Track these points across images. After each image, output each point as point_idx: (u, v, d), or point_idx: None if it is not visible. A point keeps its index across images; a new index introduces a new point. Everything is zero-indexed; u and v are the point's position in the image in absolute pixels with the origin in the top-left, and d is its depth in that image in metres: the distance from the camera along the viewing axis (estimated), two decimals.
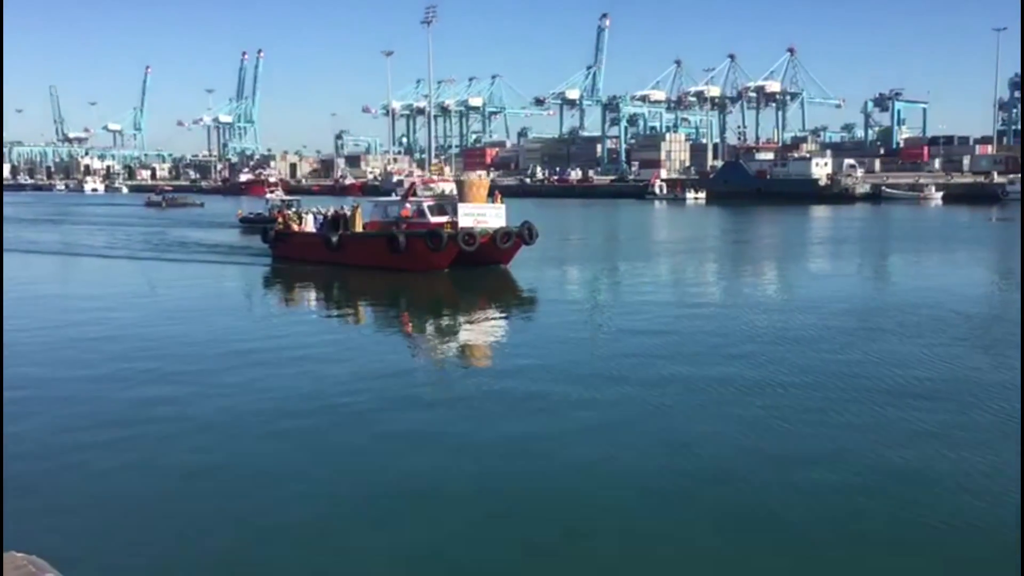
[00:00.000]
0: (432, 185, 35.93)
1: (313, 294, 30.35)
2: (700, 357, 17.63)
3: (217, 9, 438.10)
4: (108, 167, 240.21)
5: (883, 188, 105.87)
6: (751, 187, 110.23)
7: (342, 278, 32.35)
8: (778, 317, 22.81)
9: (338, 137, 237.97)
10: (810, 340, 19.36)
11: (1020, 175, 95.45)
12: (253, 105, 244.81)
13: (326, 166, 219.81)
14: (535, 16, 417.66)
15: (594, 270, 35.99)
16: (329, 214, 37.65)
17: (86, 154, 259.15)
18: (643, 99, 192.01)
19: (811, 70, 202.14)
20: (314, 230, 38.28)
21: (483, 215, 33.01)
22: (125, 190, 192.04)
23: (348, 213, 36.18)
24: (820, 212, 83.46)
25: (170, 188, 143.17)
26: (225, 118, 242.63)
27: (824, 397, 14.46)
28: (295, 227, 39.16)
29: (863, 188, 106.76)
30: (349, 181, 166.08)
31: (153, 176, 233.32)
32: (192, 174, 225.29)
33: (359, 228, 35.68)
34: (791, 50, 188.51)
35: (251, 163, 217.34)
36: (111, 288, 31.18)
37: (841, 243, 49.13)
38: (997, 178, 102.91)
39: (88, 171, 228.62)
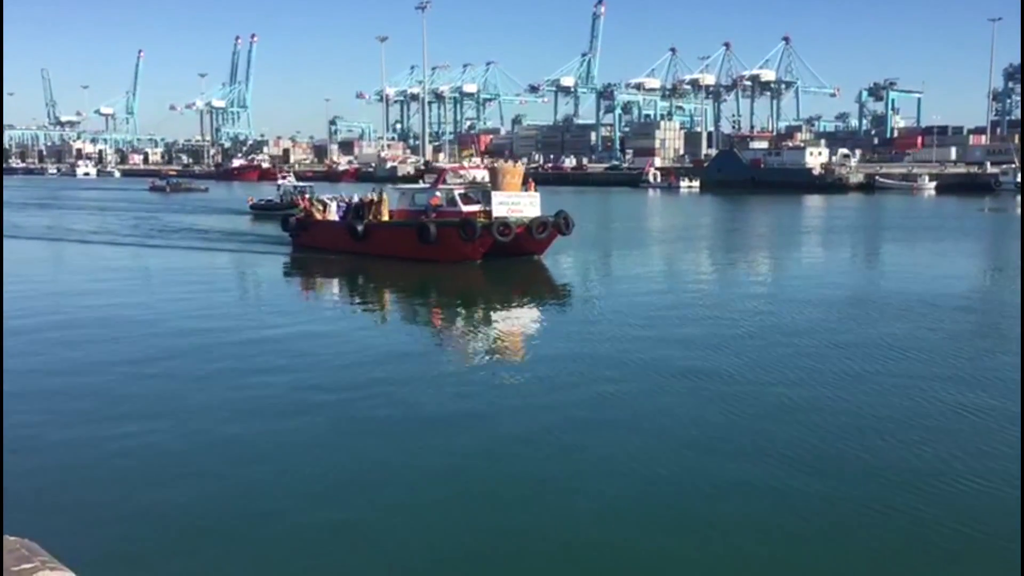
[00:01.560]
0: (463, 172, 34.35)
1: (340, 285, 29.25)
2: (734, 347, 17.38)
3: None
4: (100, 151, 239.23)
5: (876, 178, 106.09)
6: (745, 176, 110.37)
7: (369, 269, 31.12)
8: (829, 316, 22.80)
9: (332, 123, 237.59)
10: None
11: (1019, 165, 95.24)
12: (246, 90, 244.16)
13: (319, 152, 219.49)
14: (530, 3, 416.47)
15: (627, 260, 35.44)
16: (353, 202, 36.31)
17: (78, 138, 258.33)
18: (638, 87, 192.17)
19: (806, 59, 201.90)
20: (336, 219, 36.84)
21: (517, 204, 31.65)
22: (117, 174, 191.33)
23: (374, 200, 34.87)
24: (814, 201, 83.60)
25: (174, 173, 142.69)
26: (218, 103, 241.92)
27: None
28: (317, 215, 37.81)
29: (857, 178, 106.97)
30: (343, 167, 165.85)
31: (145, 161, 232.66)
32: (184, 159, 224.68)
33: (385, 217, 34.38)
34: (786, 39, 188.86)
35: (244, 148, 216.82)
36: (147, 280, 29.47)
37: (838, 232, 49.19)
38: (991, 168, 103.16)
39: (80, 155, 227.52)
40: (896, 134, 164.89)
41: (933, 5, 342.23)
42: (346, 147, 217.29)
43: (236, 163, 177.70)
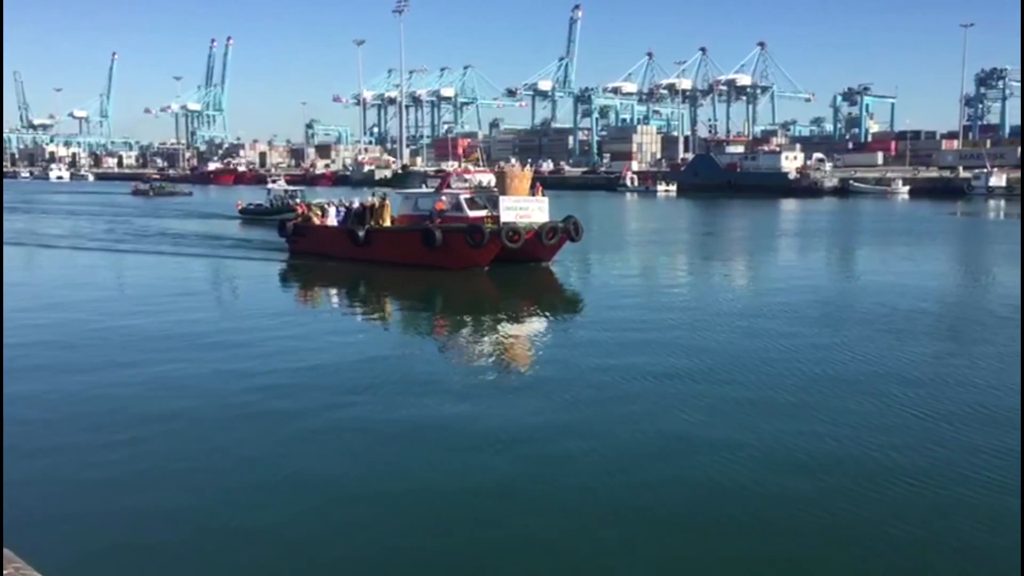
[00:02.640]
0: (468, 176, 33.30)
1: (342, 292, 28.19)
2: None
3: None
4: (74, 154, 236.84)
5: (851, 182, 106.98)
6: (721, 180, 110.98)
7: (371, 275, 30.21)
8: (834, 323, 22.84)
9: (308, 126, 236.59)
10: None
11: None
12: (222, 93, 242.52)
13: (296, 155, 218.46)
14: (508, 7, 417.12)
15: (640, 265, 35.10)
16: (353, 206, 35.20)
17: (51, 141, 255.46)
18: (615, 91, 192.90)
19: (781, 64, 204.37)
20: (336, 223, 35.83)
21: (525, 209, 30.77)
22: (91, 178, 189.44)
23: (375, 205, 33.88)
24: (789, 205, 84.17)
25: (157, 177, 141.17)
26: (193, 106, 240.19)
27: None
28: (316, 220, 36.70)
29: (831, 181, 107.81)
30: (320, 171, 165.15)
31: (120, 164, 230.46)
32: (159, 162, 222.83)
33: (387, 222, 33.44)
34: (762, 44, 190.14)
35: (220, 151, 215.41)
36: (141, 285, 28.54)
37: (813, 236, 49.53)
38: (963, 173, 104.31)
39: (53, 158, 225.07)
40: (870, 139, 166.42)
41: (906, 11, 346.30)
42: (323, 151, 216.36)
43: (212, 167, 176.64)
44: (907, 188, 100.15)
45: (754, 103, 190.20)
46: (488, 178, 32.67)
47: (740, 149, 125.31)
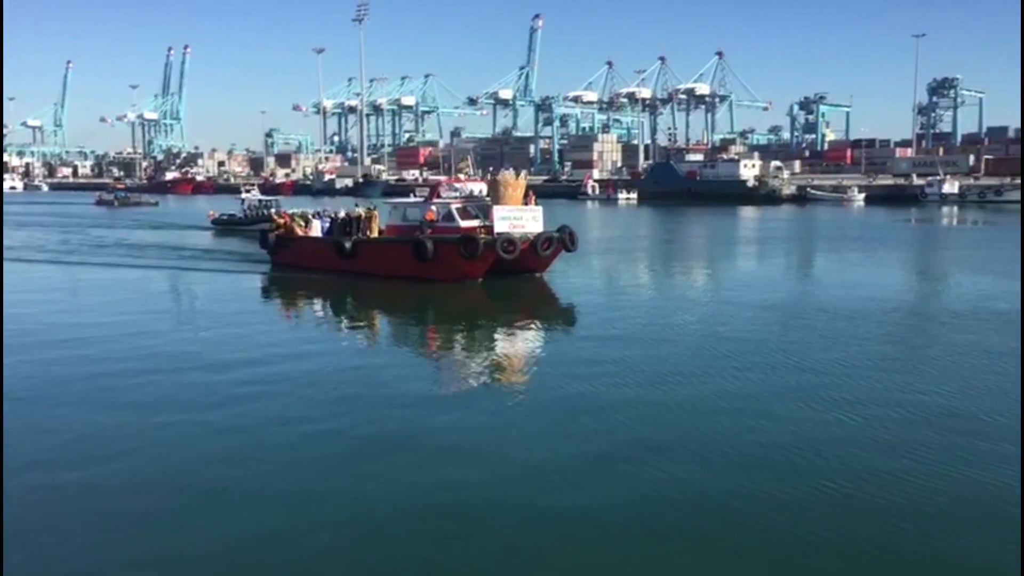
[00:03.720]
0: (458, 185, 32.10)
1: (329, 305, 27.09)
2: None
3: (142, 3, 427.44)
4: (27, 164, 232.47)
5: (808, 189, 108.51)
6: (681, 188, 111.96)
7: (359, 288, 29.24)
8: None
9: (268, 135, 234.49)
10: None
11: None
12: (180, 101, 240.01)
13: (256, 164, 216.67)
14: (468, 16, 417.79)
15: (632, 275, 34.69)
16: (339, 217, 34.06)
17: (3, 151, 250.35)
18: (575, 100, 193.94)
19: (739, 73, 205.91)
20: (319, 234, 34.74)
21: (520, 219, 29.81)
22: (45, 188, 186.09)
23: (362, 216, 32.80)
24: (748, 212, 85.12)
25: (123, 187, 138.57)
26: (150, 115, 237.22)
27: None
28: (299, 231, 35.46)
29: (789, 189, 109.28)
30: (280, 180, 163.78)
31: (75, 174, 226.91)
32: (116, 172, 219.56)
33: (375, 233, 32.52)
34: (720, 53, 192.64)
35: (178, 161, 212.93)
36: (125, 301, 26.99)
37: (772, 243, 50.10)
38: (917, 180, 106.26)
39: (6, 168, 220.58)
40: (827, 147, 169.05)
41: (860, 22, 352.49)
42: (283, 160, 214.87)
43: (169, 176, 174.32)
44: (863, 196, 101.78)
45: (713, 112, 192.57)
46: (479, 187, 31.78)
47: (699, 157, 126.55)
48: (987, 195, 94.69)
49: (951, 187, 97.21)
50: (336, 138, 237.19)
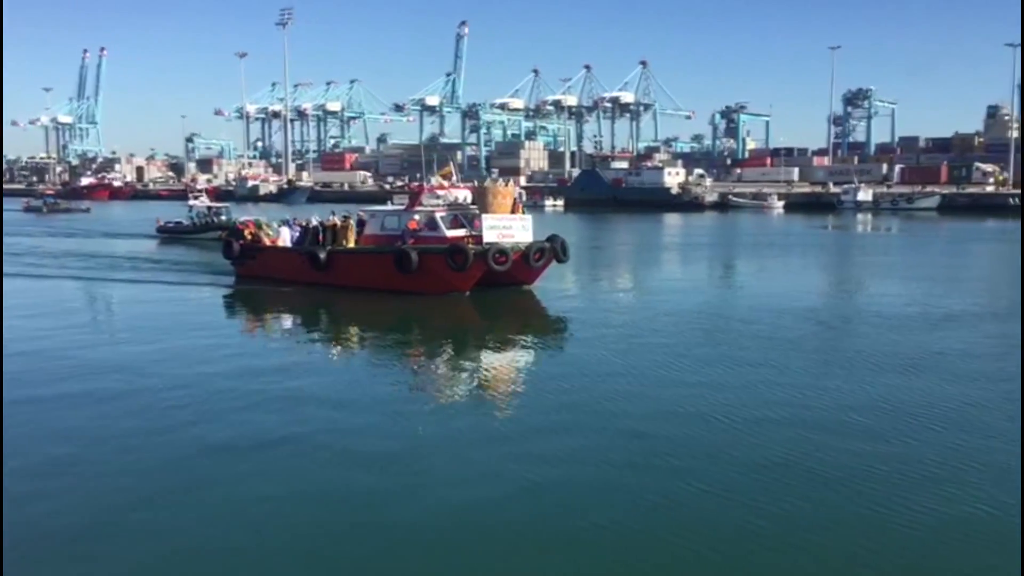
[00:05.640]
0: (441, 192, 30.37)
1: (303, 321, 25.44)
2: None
3: (56, 3, 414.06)
4: None
5: (730, 197, 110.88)
6: (607, 195, 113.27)
7: (336, 302, 27.69)
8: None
9: (189, 140, 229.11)
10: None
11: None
12: (96, 105, 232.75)
13: (176, 170, 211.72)
14: (394, 22, 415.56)
15: (623, 285, 34.16)
16: (311, 226, 32.23)
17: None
18: (502, 107, 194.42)
19: (663, 82, 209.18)
20: (288, 244, 32.91)
21: (509, 228, 28.26)
22: None
23: (337, 225, 30.99)
24: (673, 219, 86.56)
25: (52, 192, 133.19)
26: (65, 118, 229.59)
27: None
28: (267, 241, 33.54)
29: (712, 196, 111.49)
30: (201, 185, 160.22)
31: None
32: (28, 177, 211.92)
33: (351, 243, 30.54)
34: (644, 63, 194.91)
35: (94, 166, 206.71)
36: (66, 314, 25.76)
37: (696, 248, 51.06)
38: (833, 188, 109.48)
39: None
40: (747, 155, 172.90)
41: (778, 34, 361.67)
42: (204, 165, 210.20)
43: (85, 181, 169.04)
44: (782, 203, 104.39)
45: (637, 120, 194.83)
46: (464, 194, 30.22)
47: (625, 165, 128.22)
48: (899, 203, 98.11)
49: (865, 195, 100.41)
50: (260, 144, 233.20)
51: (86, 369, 17.62)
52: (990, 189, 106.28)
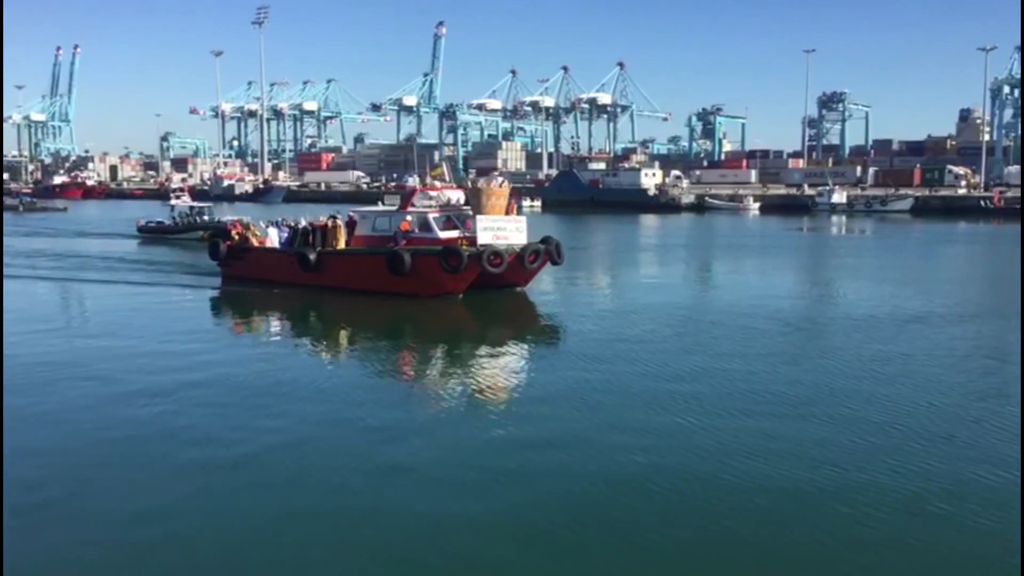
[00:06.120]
0: (433, 193, 30.04)
1: (294, 323, 25.30)
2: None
3: (28, 1, 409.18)
4: None
5: (706, 198, 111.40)
6: (584, 196, 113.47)
7: (327, 304, 27.28)
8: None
9: (163, 139, 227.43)
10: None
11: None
12: (69, 103, 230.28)
13: (151, 168, 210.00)
14: (372, 21, 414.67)
15: (614, 286, 33.90)
16: (300, 226, 31.70)
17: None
18: (479, 107, 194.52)
19: (640, 84, 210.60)
20: (277, 245, 32.55)
21: (503, 229, 27.96)
22: None
23: (327, 225, 30.56)
24: (650, 220, 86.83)
25: (28, 191, 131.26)
26: (37, 116, 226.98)
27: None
28: (254, 241, 33.10)
29: (688, 198, 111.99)
30: (176, 184, 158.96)
31: None
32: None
33: (341, 244, 30.15)
34: (621, 64, 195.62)
35: (67, 164, 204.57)
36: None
37: (672, 250, 51.29)
38: (808, 190, 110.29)
39: None
40: (724, 157, 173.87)
41: (754, 36, 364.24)
42: (179, 164, 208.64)
43: (58, 180, 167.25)
44: (758, 205, 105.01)
45: (614, 121, 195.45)
46: (457, 195, 30.02)
47: (602, 166, 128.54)
48: (873, 205, 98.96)
49: (840, 197, 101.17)
50: (235, 143, 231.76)
51: (76, 376, 17.32)
52: (962, 192, 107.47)
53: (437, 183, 30.99)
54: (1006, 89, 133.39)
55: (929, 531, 10.01)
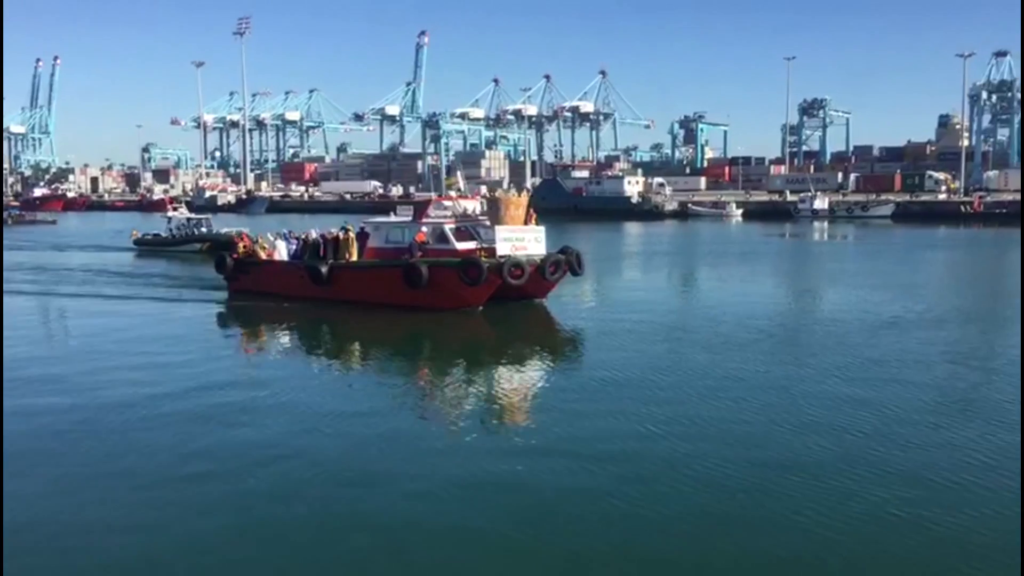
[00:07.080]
0: (448, 203, 29.37)
1: (310, 338, 24.47)
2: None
3: (7, 10, 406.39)
4: None
5: (689, 205, 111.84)
6: (568, 204, 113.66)
7: (341, 318, 26.43)
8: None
9: (145, 150, 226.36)
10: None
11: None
12: (49, 115, 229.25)
13: (132, 180, 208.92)
14: (354, 31, 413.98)
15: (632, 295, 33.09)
16: (311, 238, 30.86)
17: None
18: (463, 116, 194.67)
19: (622, 92, 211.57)
20: (285, 258, 31.61)
21: (522, 240, 26.99)
22: None
23: (339, 237, 29.65)
24: (633, 228, 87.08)
25: (16, 203, 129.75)
26: (17, 128, 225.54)
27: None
28: (263, 254, 32.29)
29: (671, 205, 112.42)
30: (158, 196, 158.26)
31: None
32: None
33: (354, 256, 29.31)
34: (603, 72, 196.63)
35: (47, 177, 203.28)
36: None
37: (656, 256, 51.44)
38: (790, 196, 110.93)
39: None
40: (706, 164, 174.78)
41: (735, 44, 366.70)
42: (161, 175, 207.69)
43: (38, 192, 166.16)
44: (740, 211, 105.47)
45: (597, 129, 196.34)
46: (473, 206, 29.21)
47: (585, 174, 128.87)
48: (855, 211, 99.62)
49: (822, 203, 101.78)
50: (217, 153, 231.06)
51: (77, 392, 17.08)
52: (942, 197, 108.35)
53: (452, 193, 30.31)
54: (984, 95, 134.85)
55: (915, 538, 10.08)
